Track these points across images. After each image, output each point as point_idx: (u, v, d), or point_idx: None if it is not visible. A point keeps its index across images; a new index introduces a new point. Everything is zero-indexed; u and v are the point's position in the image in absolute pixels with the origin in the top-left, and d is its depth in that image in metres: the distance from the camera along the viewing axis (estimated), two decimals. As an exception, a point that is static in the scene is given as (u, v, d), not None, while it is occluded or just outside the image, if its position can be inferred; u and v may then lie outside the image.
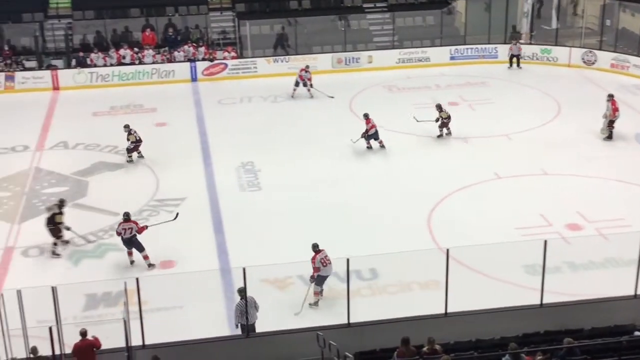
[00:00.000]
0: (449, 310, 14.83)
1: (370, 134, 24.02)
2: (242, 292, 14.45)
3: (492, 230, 18.97)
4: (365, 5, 35.63)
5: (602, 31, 33.59)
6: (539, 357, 12.63)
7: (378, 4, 35.71)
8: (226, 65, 32.28)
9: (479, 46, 33.63)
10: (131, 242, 18.10)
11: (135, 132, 23.82)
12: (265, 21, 34.30)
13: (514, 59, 32.48)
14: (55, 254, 18.80)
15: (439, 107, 25.08)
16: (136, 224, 18.21)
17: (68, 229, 19.15)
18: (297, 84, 29.35)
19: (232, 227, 19.93)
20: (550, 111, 27.48)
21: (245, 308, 14.41)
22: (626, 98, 28.42)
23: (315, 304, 16.55)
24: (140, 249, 18.07)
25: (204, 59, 32.29)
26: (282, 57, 32.61)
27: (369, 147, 24.14)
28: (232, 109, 28.26)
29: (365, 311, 15.18)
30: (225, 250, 18.95)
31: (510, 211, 20.30)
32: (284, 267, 16.81)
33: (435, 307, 14.93)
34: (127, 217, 18.21)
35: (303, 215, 20.45)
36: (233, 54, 32.77)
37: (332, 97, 28.94)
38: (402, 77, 31.79)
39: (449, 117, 24.86)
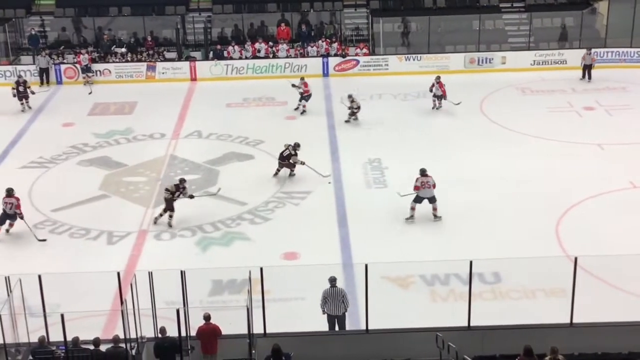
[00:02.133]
0: (574, 321, 14.42)
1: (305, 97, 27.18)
2: (333, 281, 14.83)
3: (624, 241, 18.29)
4: (502, 5, 34.99)
5: None
6: (668, 376, 12.10)
7: (515, 4, 35.00)
8: (358, 61, 32.46)
9: (620, 49, 32.40)
10: (9, 216, 19.40)
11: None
12: (398, 19, 34.26)
13: (586, 70, 30.65)
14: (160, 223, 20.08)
15: (350, 98, 26.52)
16: (18, 199, 19.40)
17: (192, 197, 20.44)
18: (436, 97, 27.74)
19: (356, 223, 20.04)
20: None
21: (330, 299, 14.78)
22: None
23: (411, 217, 19.47)
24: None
25: (336, 55, 32.59)
26: (413, 55, 32.47)
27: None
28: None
29: (486, 315, 14.94)
30: (349, 244, 19.08)
31: (642, 222, 19.52)
32: (406, 266, 16.80)
33: (560, 317, 14.55)
34: (9, 193, 19.41)
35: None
36: (365, 50, 32.91)
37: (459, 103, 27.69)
38: (536, 79, 31.05)
39: (359, 108, 26.68)
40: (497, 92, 29.86)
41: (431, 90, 27.67)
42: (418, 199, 19.80)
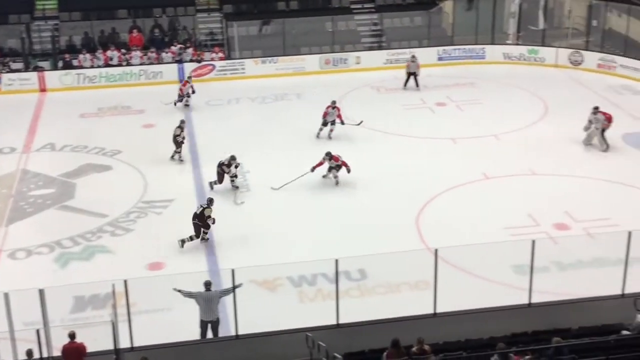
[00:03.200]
0: (438, 311, 14.85)
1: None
2: (208, 285, 14.89)
3: (480, 231, 19.01)
4: (353, 7, 35.66)
5: (589, 32, 33.76)
6: (527, 357, 12.65)
7: (366, 5, 35.75)
8: (214, 66, 32.24)
9: (467, 47, 33.73)
10: None
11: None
12: (253, 22, 34.28)
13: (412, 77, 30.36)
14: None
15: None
16: None
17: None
18: (325, 124, 25.50)
19: (221, 228, 19.86)
20: (538, 111, 27.59)
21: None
22: (613, 98, 28.58)
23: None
24: None
25: (191, 60, 32.23)
26: (269, 58, 32.57)
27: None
28: (220, 110, 28.21)
29: (354, 312, 15.16)
30: (214, 251, 18.91)
31: (498, 211, 20.36)
32: (273, 268, 16.81)
33: (424, 308, 14.95)
34: None
35: (291, 215, 20.45)
36: (221, 55, 32.72)
37: (361, 122, 25.95)
38: (389, 77, 31.84)
39: None
40: (353, 91, 30.40)
41: (325, 118, 25.33)
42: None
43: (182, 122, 23.97)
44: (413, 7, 35.74)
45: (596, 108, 24.18)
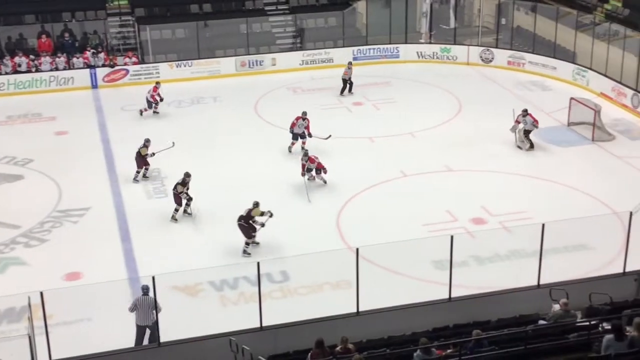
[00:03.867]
0: (360, 309, 14.95)
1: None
2: (145, 289, 14.62)
3: (400, 228, 19.24)
4: (267, 8, 35.60)
5: (498, 29, 34.57)
6: (449, 351, 12.84)
7: (280, 7, 35.73)
8: (127, 71, 31.70)
9: (381, 46, 34.09)
10: None
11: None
12: (166, 25, 33.85)
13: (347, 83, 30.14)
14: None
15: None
16: None
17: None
18: (295, 137, 24.35)
19: (140, 235, 19.58)
20: (452, 109, 28.08)
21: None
22: (523, 94, 29.33)
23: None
24: None
25: (104, 65, 31.62)
26: (184, 62, 32.23)
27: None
28: (136, 115, 27.73)
29: (277, 314, 15.13)
30: (133, 258, 18.60)
31: (417, 208, 20.64)
32: (194, 274, 16.63)
33: (347, 307, 15.03)
34: None
35: (212, 220, 20.28)
36: (134, 59, 32.20)
37: (329, 136, 24.59)
38: (306, 78, 31.92)
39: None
40: (270, 93, 30.36)
41: (292, 129, 24.21)
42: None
43: (147, 140, 22.68)
44: (327, 8, 35.90)
45: (525, 110, 24.75)
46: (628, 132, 26.04)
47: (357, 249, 14.61)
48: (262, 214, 18.55)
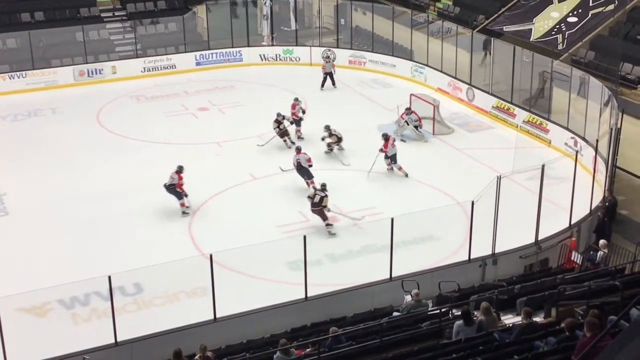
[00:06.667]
0: (218, 315, 14.82)
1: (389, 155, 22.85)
2: None
3: (253, 231, 19.17)
4: (103, 15, 34.66)
5: (338, 30, 35.24)
6: (308, 350, 12.95)
7: (117, 13, 34.89)
8: (-43, 84, 30.02)
9: (224, 50, 33.96)
10: None
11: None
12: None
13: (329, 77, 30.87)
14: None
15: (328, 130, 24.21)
16: None
17: None
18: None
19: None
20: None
21: None
22: (366, 92, 30.02)
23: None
24: None
25: None
26: (19, 73, 30.82)
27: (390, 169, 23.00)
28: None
29: (133, 327, 14.76)
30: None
31: (269, 210, 20.67)
32: (41, 293, 15.91)
33: (205, 314, 14.87)
34: None
35: (58, 235, 19.50)
36: (-38, 72, 30.52)
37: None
38: (149, 85, 31.32)
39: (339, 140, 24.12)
40: (112, 102, 29.56)
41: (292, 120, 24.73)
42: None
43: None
44: (166, 13, 35.41)
45: (408, 109, 25.66)
46: (466, 124, 27.19)
47: (211, 255, 14.49)
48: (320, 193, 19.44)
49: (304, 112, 25.62)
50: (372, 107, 27.13)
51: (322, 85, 30.67)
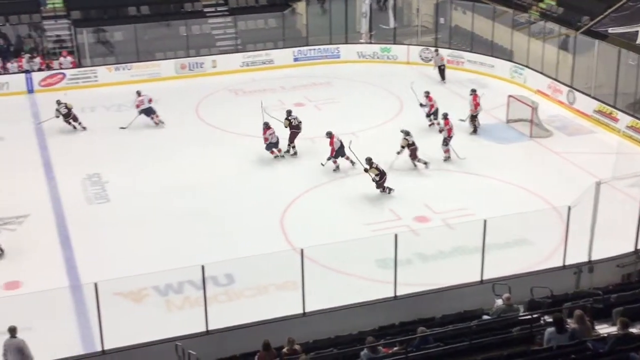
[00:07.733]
0: (306, 310, 14.94)
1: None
2: (13, 331, 13.35)
3: (344, 228, 19.28)
4: (206, 10, 35.35)
5: (437, 29, 34.92)
6: (395, 348, 12.92)
7: (219, 8, 35.52)
8: (64, 75, 31.14)
9: (322, 47, 34.14)
10: None
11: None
12: (103, 28, 33.30)
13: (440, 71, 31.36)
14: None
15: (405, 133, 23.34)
16: None
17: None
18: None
19: (81, 242, 19.27)
20: (393, 108, 28.25)
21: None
22: (462, 92, 29.63)
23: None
24: None
25: (40, 70, 31.00)
26: (123, 65, 31.79)
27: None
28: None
29: (223, 317, 15.03)
30: (75, 265, 18.29)
31: (360, 208, 20.71)
32: (138, 279, 16.42)
33: (294, 308, 15.01)
34: None
35: (155, 224, 20.06)
36: (70, 58, 31.61)
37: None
38: (247, 80, 31.78)
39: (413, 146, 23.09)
40: (211, 95, 30.15)
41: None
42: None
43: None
44: (266, 9, 35.82)
45: (473, 90, 25.98)
46: (564, 128, 26.56)
47: (302, 250, 14.61)
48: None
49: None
50: (468, 108, 26.76)
51: (443, 78, 31.10)
